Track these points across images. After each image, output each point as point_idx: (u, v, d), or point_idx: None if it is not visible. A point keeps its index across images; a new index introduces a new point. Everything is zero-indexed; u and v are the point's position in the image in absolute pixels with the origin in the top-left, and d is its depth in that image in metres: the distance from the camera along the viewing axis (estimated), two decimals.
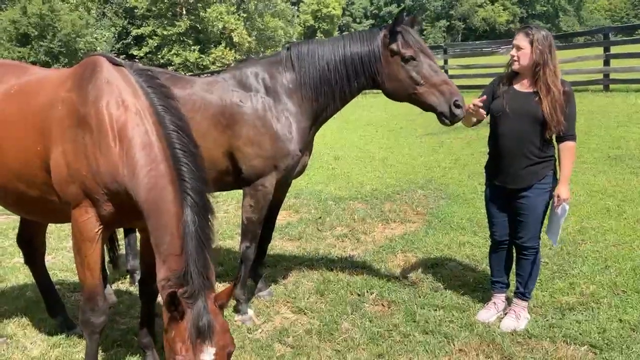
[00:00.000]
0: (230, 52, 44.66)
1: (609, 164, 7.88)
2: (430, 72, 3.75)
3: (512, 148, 3.61)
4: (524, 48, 3.52)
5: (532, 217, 3.68)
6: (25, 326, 4.16)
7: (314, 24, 63.40)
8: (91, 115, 2.82)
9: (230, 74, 4.03)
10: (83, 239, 2.96)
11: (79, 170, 2.84)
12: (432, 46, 28.54)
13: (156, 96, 2.86)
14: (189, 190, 2.60)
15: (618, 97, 12.99)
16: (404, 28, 3.78)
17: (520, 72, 3.63)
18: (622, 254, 4.80)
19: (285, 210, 6.99)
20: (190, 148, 2.75)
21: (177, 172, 2.64)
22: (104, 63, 2.99)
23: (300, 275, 4.92)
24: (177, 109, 2.91)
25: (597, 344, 3.49)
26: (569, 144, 3.59)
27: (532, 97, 3.56)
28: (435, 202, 6.98)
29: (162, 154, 2.68)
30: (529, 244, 3.76)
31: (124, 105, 2.81)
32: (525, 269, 3.81)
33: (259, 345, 3.73)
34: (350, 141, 11.94)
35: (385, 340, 3.71)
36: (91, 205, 2.89)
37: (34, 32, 35.55)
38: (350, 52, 3.85)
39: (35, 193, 3.14)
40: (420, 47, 3.76)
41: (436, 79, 3.75)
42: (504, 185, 3.73)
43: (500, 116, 3.67)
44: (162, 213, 2.59)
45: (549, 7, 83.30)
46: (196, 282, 2.41)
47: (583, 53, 15.98)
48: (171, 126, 2.76)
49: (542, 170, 3.62)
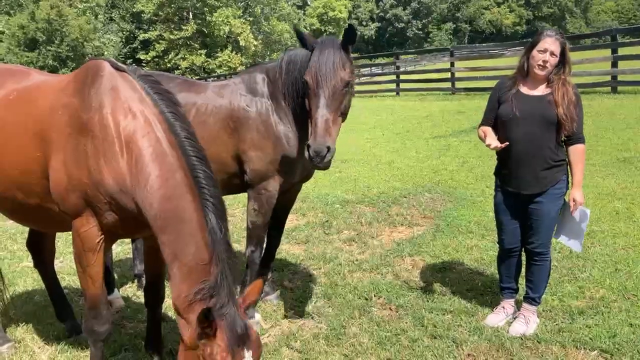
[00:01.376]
0: (237, 56, 44.89)
1: (617, 166, 7.83)
2: (313, 104, 3.31)
3: (527, 153, 3.53)
4: (557, 55, 3.42)
5: (545, 223, 3.63)
6: (33, 330, 4.17)
7: (320, 27, 63.53)
8: (94, 122, 2.73)
9: (240, 77, 4.07)
10: (84, 249, 2.89)
11: (81, 178, 2.75)
12: (438, 49, 28.59)
13: (164, 103, 2.77)
14: (208, 197, 2.55)
15: (626, 99, 12.92)
16: (319, 46, 3.37)
17: (542, 77, 3.50)
18: (632, 257, 4.76)
19: (292, 214, 6.98)
20: (202, 155, 2.69)
21: (195, 180, 2.58)
22: (106, 67, 2.89)
23: (307, 279, 4.91)
24: (184, 115, 2.85)
25: (607, 348, 3.45)
26: (579, 147, 3.54)
27: (544, 99, 3.49)
28: (442, 206, 6.96)
29: (178, 163, 2.60)
30: (540, 249, 3.70)
31: (131, 112, 2.72)
32: (535, 274, 3.77)
33: (266, 349, 3.71)
34: (357, 144, 11.92)
35: (393, 344, 3.69)
36: (92, 215, 2.81)
37: (42, 37, 35.87)
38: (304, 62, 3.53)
39: (34, 201, 3.05)
40: (316, 73, 3.30)
41: (313, 114, 3.30)
42: (518, 191, 3.65)
43: (510, 121, 3.57)
44: (184, 222, 2.50)
45: (555, 9, 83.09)
46: (227, 290, 2.37)
47: (590, 55, 15.90)
48: (183, 133, 2.69)
49: (556, 174, 3.56)
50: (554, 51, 3.42)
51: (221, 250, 2.45)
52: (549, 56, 3.42)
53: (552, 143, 3.50)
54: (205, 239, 2.46)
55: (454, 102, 16.78)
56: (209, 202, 2.54)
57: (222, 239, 2.49)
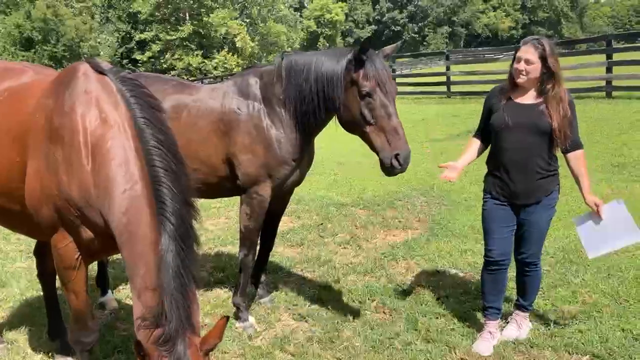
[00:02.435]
0: (233, 57, 44.86)
1: (611, 171, 7.87)
2: (383, 114, 3.43)
3: (520, 162, 3.42)
4: (534, 63, 3.30)
5: (536, 233, 3.54)
6: (26, 332, 4.15)
7: (316, 29, 63.63)
8: (65, 127, 2.53)
9: (233, 80, 4.06)
10: (64, 267, 2.73)
11: (52, 189, 2.55)
12: (434, 52, 28.55)
13: (139, 107, 2.53)
14: (168, 214, 2.27)
15: (620, 105, 12.98)
16: (370, 56, 3.48)
17: (524, 86, 3.41)
18: (625, 263, 4.78)
19: (287, 217, 6.98)
20: (173, 166, 2.43)
21: (156, 194, 2.32)
22: (85, 70, 2.70)
23: (301, 282, 4.91)
24: (162, 121, 2.60)
25: (599, 353, 3.47)
26: (578, 153, 3.47)
27: (536, 108, 3.39)
28: (437, 209, 6.97)
29: (140, 173, 2.36)
30: (531, 260, 3.63)
31: (101, 117, 2.50)
32: (526, 284, 3.71)
33: (259, 352, 3.71)
34: (352, 147, 11.87)
35: (386, 348, 3.70)
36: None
37: (38, 37, 35.79)
38: (321, 70, 3.64)
39: (17, 207, 2.86)
40: (380, 83, 3.43)
41: (386, 124, 3.43)
42: (511, 202, 3.53)
43: (502, 130, 3.47)
44: (137, 240, 2.27)
45: (551, 13, 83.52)
46: (174, 323, 2.07)
47: (585, 60, 15.98)
48: (152, 141, 2.43)
49: (549, 185, 3.48)
50: (529, 59, 3.29)
51: (171, 277, 2.16)
52: (524, 64, 3.31)
53: (544, 152, 3.41)
54: (156, 262, 2.21)
55: (449, 106, 16.82)
56: (167, 221, 2.26)
57: (175, 265, 2.19)
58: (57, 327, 3.87)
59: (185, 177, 2.48)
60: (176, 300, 2.12)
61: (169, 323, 2.07)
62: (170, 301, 2.12)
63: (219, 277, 5.15)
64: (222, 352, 3.72)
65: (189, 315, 2.15)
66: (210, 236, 6.50)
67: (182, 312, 2.12)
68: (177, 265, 2.20)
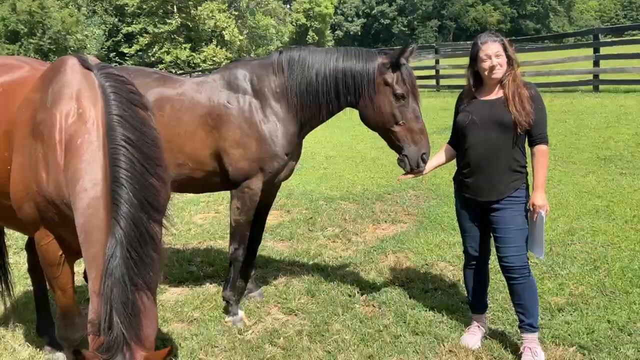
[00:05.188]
0: (222, 50, 44.57)
1: (598, 164, 7.95)
2: (413, 116, 3.70)
3: (483, 158, 3.39)
4: (502, 54, 3.30)
5: (510, 232, 3.37)
6: (14, 328, 4.12)
7: (305, 22, 63.35)
8: (45, 123, 2.50)
9: (219, 74, 4.02)
10: (48, 263, 2.73)
11: (32, 186, 2.52)
12: (423, 46, 28.54)
13: (116, 104, 2.44)
14: (119, 218, 2.16)
15: (607, 98, 13.10)
16: (405, 62, 3.70)
17: (499, 79, 3.34)
18: (611, 255, 4.84)
19: (277, 211, 6.98)
20: (138, 168, 2.31)
21: (112, 196, 2.22)
22: (73, 64, 2.66)
23: (291, 276, 4.92)
24: (142, 119, 2.50)
25: (585, 344, 3.51)
26: (541, 148, 3.36)
27: (498, 102, 3.35)
28: (426, 203, 7.01)
29: (102, 174, 2.28)
30: (514, 263, 3.38)
31: (78, 113, 2.44)
32: (521, 296, 3.41)
33: (249, 346, 3.72)
34: (342, 141, 11.94)
35: (375, 341, 3.72)
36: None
37: (24, 29, 35.27)
38: (342, 67, 3.75)
39: (6, 202, 2.85)
40: (412, 87, 3.70)
41: (415, 125, 3.71)
42: (475, 198, 3.49)
43: (467, 127, 3.45)
44: (91, 242, 2.20)
45: (539, 7, 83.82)
46: (115, 333, 1.97)
47: (573, 54, 16.12)
48: (121, 141, 2.32)
49: (514, 182, 3.37)
50: (497, 52, 3.29)
51: (111, 285, 2.04)
52: (495, 59, 3.29)
53: (509, 148, 3.35)
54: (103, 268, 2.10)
55: (439, 100, 16.87)
56: (117, 225, 2.15)
57: (119, 273, 2.07)
58: (46, 324, 3.85)
59: (158, 178, 2.37)
60: (117, 310, 2.01)
61: (110, 332, 1.99)
62: (108, 310, 2.01)
63: (208, 272, 5.14)
64: (212, 347, 3.73)
65: (135, 327, 2.03)
66: (199, 230, 6.48)
67: (125, 323, 2.01)
68: (122, 273, 2.08)
